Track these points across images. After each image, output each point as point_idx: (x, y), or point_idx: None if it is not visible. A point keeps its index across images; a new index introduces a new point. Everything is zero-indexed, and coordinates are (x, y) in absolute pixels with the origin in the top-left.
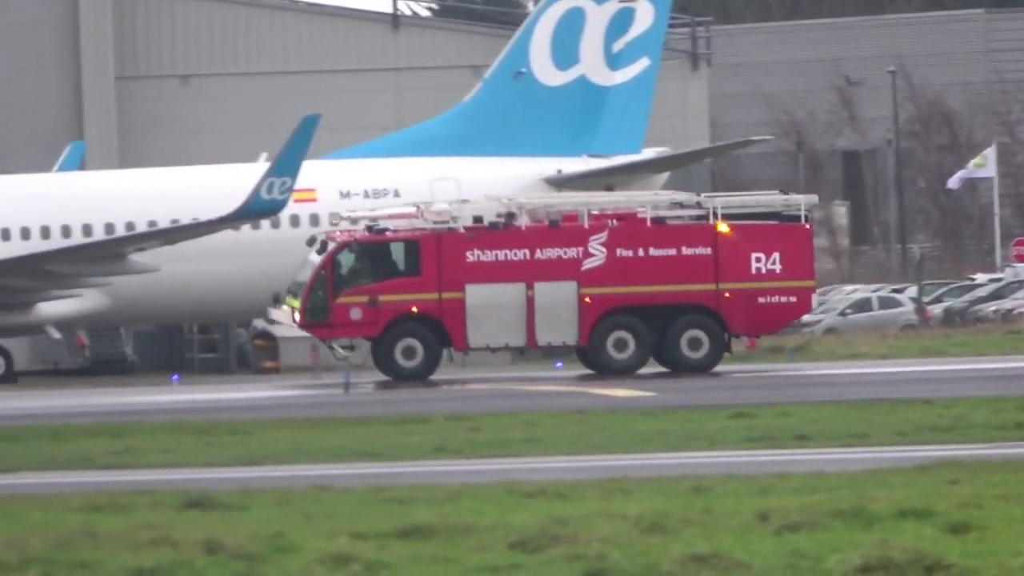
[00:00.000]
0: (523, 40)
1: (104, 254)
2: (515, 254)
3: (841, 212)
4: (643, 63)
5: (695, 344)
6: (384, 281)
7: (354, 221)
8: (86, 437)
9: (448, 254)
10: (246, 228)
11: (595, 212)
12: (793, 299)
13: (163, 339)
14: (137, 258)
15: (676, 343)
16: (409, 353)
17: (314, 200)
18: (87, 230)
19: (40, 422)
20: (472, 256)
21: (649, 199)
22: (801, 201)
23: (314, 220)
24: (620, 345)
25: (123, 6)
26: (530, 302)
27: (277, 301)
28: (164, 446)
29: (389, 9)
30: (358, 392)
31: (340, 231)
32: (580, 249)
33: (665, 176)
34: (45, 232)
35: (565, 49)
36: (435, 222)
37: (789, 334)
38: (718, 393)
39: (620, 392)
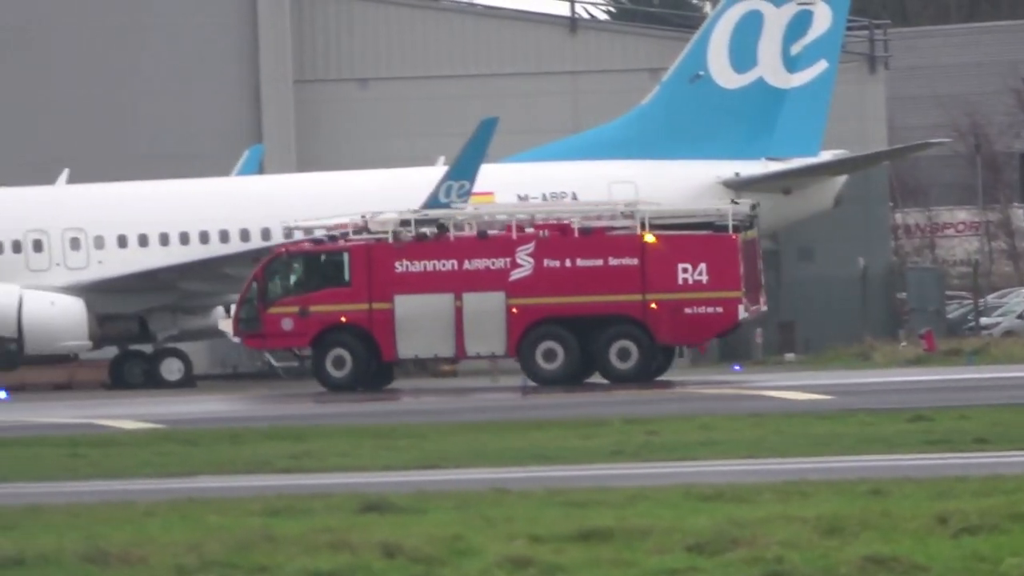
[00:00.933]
0: (701, 43)
1: None
2: (444, 265)
3: (1020, 215)
4: (821, 66)
5: (624, 354)
6: (315, 292)
7: (307, 231)
8: (264, 441)
9: (377, 265)
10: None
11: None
12: (719, 310)
13: None
14: None
15: (605, 353)
16: (339, 363)
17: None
18: (266, 234)
19: (219, 426)
20: (401, 267)
21: (584, 209)
22: (728, 211)
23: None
24: (549, 356)
25: (302, 10)
26: (459, 313)
27: (226, 311)
28: (342, 450)
29: (567, 12)
30: (535, 395)
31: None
32: (508, 260)
33: (843, 179)
34: (224, 236)
35: (743, 52)
36: (377, 233)
37: (967, 336)
38: (896, 396)
39: (796, 395)
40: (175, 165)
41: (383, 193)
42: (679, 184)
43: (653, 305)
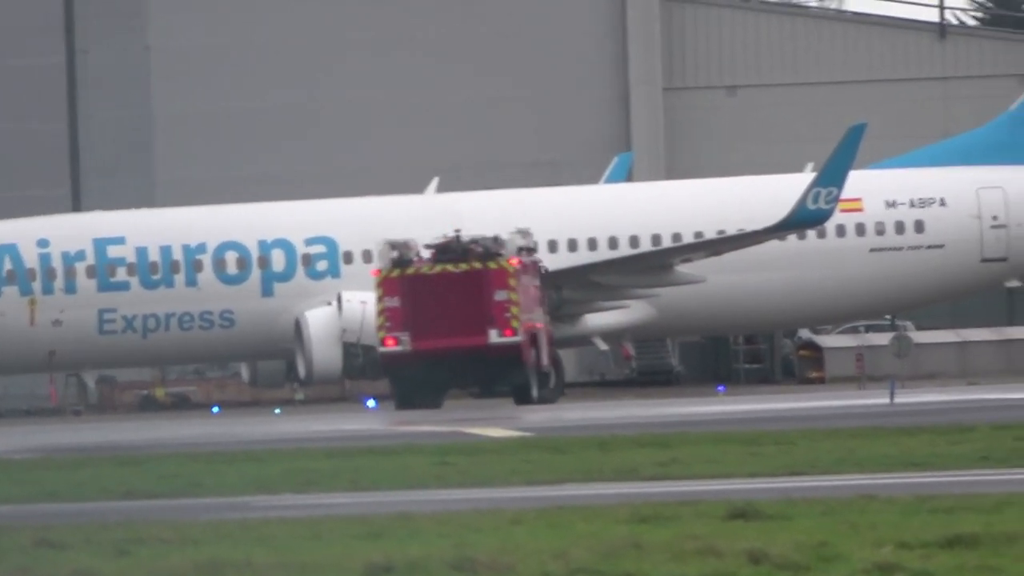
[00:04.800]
0: None
1: (651, 265)
2: None
3: None
4: None
5: None
6: None
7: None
8: (632, 448)
9: None
10: (792, 238)
11: None
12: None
13: (708, 350)
14: (683, 269)
15: None
16: None
17: (860, 210)
18: (634, 241)
19: (588, 433)
20: None
21: None
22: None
23: (860, 230)
24: None
25: (671, 17)
26: None
27: None
28: (709, 456)
29: (935, 18)
30: (904, 401)
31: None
32: None
33: None
34: (592, 243)
35: None
36: None
37: None
38: None
39: None
40: (544, 172)
41: (750, 200)
42: None
43: None
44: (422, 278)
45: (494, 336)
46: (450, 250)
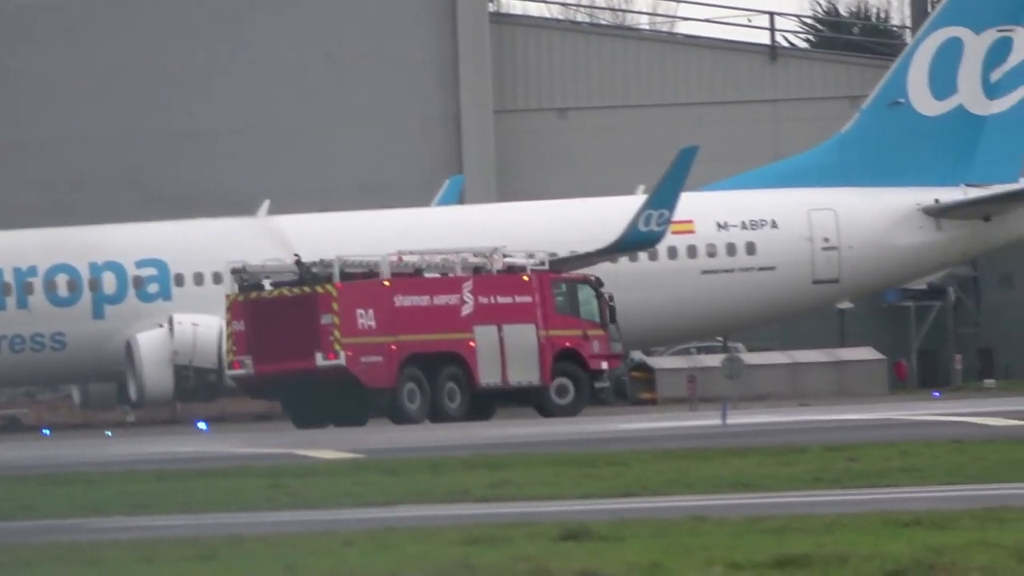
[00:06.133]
0: (901, 70)
1: None
2: None
3: None
4: (1021, 92)
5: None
6: None
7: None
8: (464, 469)
9: None
10: (623, 260)
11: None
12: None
13: None
14: None
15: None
16: None
17: (692, 232)
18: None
19: (420, 455)
20: None
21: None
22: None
23: (691, 252)
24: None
25: (502, 39)
26: None
27: None
28: (542, 478)
29: (767, 41)
30: (736, 422)
31: None
32: None
33: None
34: None
35: (943, 79)
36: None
37: None
38: None
39: (997, 421)
40: (375, 196)
41: (582, 222)
42: (878, 211)
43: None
44: (262, 302)
45: (319, 359)
46: (289, 274)
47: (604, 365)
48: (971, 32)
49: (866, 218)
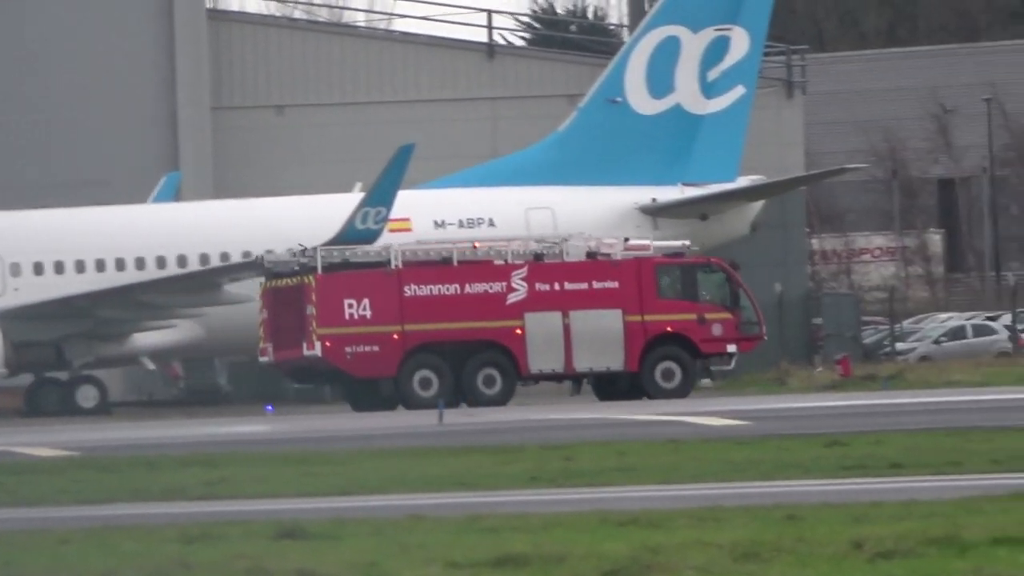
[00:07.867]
0: (618, 69)
1: (199, 285)
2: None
3: (936, 240)
4: (738, 91)
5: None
6: None
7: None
8: (180, 467)
9: None
10: None
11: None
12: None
13: (257, 369)
14: (231, 289)
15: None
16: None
17: (409, 230)
18: (182, 261)
19: (135, 452)
20: None
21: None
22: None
23: None
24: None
25: (219, 35)
26: None
27: None
28: (258, 476)
29: (484, 39)
30: (453, 422)
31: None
32: None
33: (760, 205)
34: (140, 263)
35: (660, 78)
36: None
37: (883, 362)
38: (812, 422)
39: (713, 421)
40: (91, 192)
41: (300, 220)
42: (596, 210)
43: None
44: (278, 291)
45: (304, 349)
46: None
47: (732, 348)
48: (689, 31)
49: (584, 217)
